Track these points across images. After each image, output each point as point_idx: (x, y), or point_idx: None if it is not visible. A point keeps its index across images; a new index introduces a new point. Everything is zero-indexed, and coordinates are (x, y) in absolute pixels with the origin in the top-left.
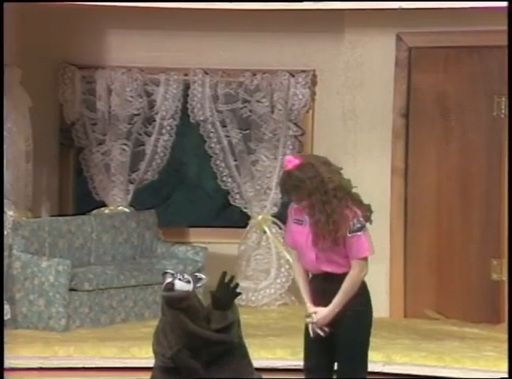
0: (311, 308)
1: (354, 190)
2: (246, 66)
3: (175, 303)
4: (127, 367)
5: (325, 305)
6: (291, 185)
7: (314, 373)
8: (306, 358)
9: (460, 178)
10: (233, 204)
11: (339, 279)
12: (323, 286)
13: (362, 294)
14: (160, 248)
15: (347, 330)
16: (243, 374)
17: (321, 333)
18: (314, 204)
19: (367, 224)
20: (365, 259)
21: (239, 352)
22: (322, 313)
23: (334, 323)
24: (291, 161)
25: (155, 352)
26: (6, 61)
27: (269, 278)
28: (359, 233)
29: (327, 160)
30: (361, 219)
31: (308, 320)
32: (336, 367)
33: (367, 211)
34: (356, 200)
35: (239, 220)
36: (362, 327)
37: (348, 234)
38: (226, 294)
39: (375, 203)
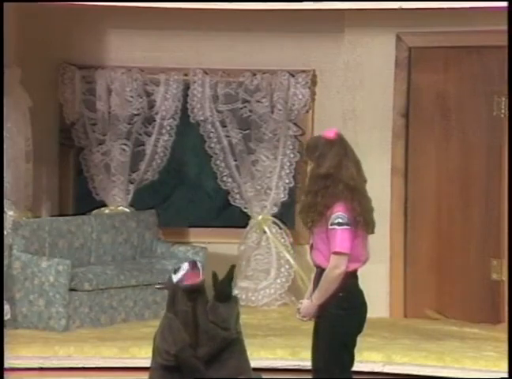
0: (302, 300)
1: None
2: (246, 66)
3: (200, 291)
4: (127, 367)
5: None
6: (310, 147)
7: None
8: (311, 358)
9: (460, 178)
10: (233, 204)
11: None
12: (317, 279)
13: (342, 298)
14: (159, 248)
15: (321, 332)
16: (243, 371)
17: (304, 319)
18: (311, 175)
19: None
20: (340, 255)
21: (238, 348)
22: (304, 304)
23: (317, 318)
24: (329, 132)
25: (157, 349)
26: (6, 61)
27: (269, 278)
28: (336, 227)
29: (347, 156)
30: (345, 215)
31: (296, 309)
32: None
33: (363, 216)
34: (354, 203)
35: (239, 220)
36: (336, 330)
37: (329, 227)
38: (229, 286)
39: (375, 203)
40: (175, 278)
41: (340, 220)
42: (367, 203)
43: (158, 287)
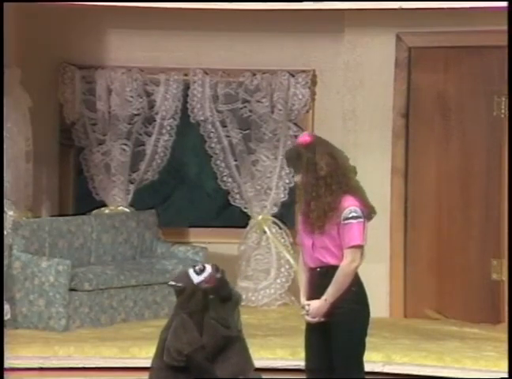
0: (304, 300)
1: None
2: (246, 66)
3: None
4: (127, 367)
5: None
6: (292, 158)
7: (315, 374)
8: (307, 358)
9: (460, 177)
10: (233, 204)
11: (333, 272)
12: (319, 281)
13: (356, 292)
14: (160, 248)
15: (339, 329)
16: (245, 369)
17: (314, 320)
18: (305, 182)
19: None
20: (357, 248)
21: (240, 346)
22: (315, 304)
23: (328, 316)
24: (304, 137)
25: (167, 349)
26: (6, 61)
27: (269, 278)
28: (352, 221)
29: (333, 150)
30: (358, 209)
31: (302, 312)
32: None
33: (368, 206)
34: (358, 192)
35: (239, 220)
36: (354, 326)
37: (342, 222)
38: (227, 288)
39: (375, 203)
40: (198, 279)
41: (355, 214)
42: (362, 190)
43: (177, 285)
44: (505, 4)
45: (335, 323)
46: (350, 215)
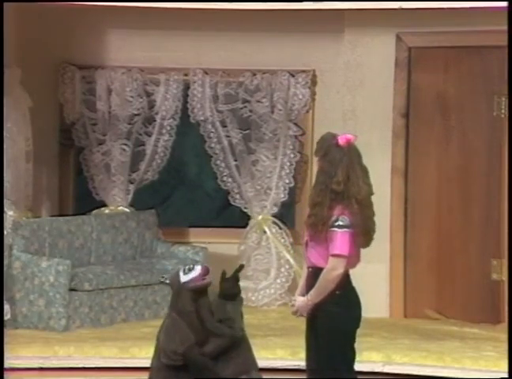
0: (296, 295)
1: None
2: (246, 66)
3: (203, 292)
4: (127, 367)
5: None
6: (319, 143)
7: (314, 373)
8: (307, 358)
9: (460, 177)
10: (233, 204)
11: (320, 273)
12: (309, 279)
13: (339, 296)
14: (160, 248)
15: (320, 331)
16: (249, 369)
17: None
18: (318, 179)
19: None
20: (338, 257)
21: (244, 345)
22: (299, 301)
23: (312, 316)
24: (342, 137)
25: (163, 349)
26: (6, 61)
27: (269, 278)
28: (337, 229)
29: (358, 170)
30: (346, 217)
31: (290, 306)
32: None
33: (363, 224)
34: (360, 208)
35: (239, 220)
36: (335, 328)
37: (329, 229)
38: (237, 285)
39: (375, 203)
40: (184, 278)
41: (341, 223)
42: (369, 214)
43: (165, 281)
44: (505, 4)
45: (318, 324)
46: (336, 224)
